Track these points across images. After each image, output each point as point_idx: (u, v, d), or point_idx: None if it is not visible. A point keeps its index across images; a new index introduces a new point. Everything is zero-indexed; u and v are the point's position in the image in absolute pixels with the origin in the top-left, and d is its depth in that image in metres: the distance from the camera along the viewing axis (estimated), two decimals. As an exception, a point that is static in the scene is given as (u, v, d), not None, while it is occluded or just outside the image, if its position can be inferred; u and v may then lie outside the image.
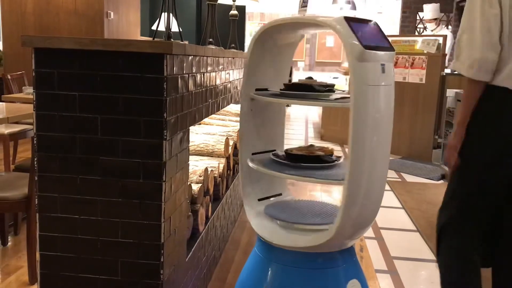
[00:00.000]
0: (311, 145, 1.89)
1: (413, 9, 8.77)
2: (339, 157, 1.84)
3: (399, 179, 4.77)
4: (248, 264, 1.90)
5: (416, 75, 5.64)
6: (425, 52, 5.61)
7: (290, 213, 1.87)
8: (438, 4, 6.73)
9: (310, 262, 1.75)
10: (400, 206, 3.90)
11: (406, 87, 5.75)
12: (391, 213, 3.73)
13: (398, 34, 8.50)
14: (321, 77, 2.06)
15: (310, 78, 1.85)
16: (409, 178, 4.83)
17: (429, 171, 5.04)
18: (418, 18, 8.82)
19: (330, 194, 4.11)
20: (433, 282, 2.56)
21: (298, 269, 1.76)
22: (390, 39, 6.16)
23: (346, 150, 6.08)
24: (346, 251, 1.81)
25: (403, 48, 5.82)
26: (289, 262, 1.76)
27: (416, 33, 8.72)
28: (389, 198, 4.12)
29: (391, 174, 4.95)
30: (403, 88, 5.77)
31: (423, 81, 5.58)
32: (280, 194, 1.99)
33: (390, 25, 9.73)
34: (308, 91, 1.73)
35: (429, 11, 6.73)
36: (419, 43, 5.75)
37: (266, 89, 1.84)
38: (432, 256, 2.88)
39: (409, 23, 8.91)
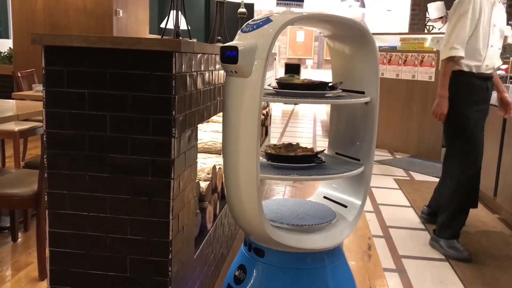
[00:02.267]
0: (290, 144, 1.90)
1: (423, 6, 8.72)
2: (318, 153, 1.87)
3: (408, 178, 4.75)
4: (235, 264, 1.88)
5: (426, 73, 5.61)
6: (435, 50, 5.57)
7: (289, 215, 1.86)
8: (442, 3, 6.67)
9: (298, 262, 1.75)
10: (409, 204, 3.88)
11: (415, 85, 5.71)
12: (400, 211, 3.72)
13: (407, 31, 8.45)
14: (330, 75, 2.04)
15: (293, 76, 1.86)
16: (418, 176, 4.81)
17: (437, 170, 5.01)
18: (427, 15, 8.77)
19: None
20: (442, 281, 2.54)
21: (253, 260, 1.76)
22: (399, 36, 6.13)
23: (355, 148, 6.06)
24: (333, 251, 1.81)
25: (413, 46, 5.79)
26: (277, 262, 1.75)
27: (426, 31, 8.66)
28: (397, 196, 4.11)
29: (400, 173, 4.93)
30: (412, 86, 5.74)
31: (432, 79, 5.54)
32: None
33: (399, 22, 9.67)
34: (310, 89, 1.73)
35: (434, 10, 6.66)
36: (428, 41, 5.71)
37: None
38: (440, 255, 2.86)
39: (418, 21, 8.86)
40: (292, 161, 1.76)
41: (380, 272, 2.61)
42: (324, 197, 2.07)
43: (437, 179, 4.65)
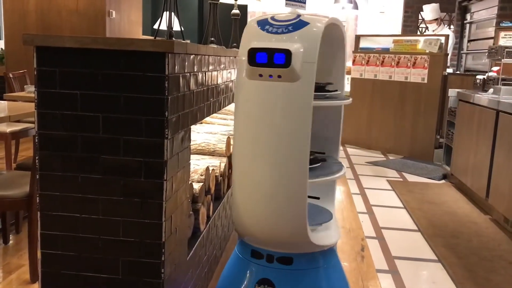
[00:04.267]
0: None
1: (415, 8, 8.76)
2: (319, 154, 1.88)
3: (401, 179, 4.76)
4: (229, 265, 1.85)
5: (418, 75, 5.64)
6: (427, 51, 5.60)
7: None
8: (437, 4, 6.72)
9: (302, 263, 1.74)
10: (402, 205, 3.89)
11: (408, 87, 5.74)
12: (393, 212, 3.73)
13: (400, 33, 8.49)
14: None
15: None
16: (411, 178, 4.83)
17: (430, 171, 5.04)
18: (420, 17, 8.81)
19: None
20: (434, 282, 2.55)
21: (279, 270, 1.72)
22: (392, 38, 6.15)
23: (348, 149, 6.08)
24: (327, 252, 1.80)
25: (405, 48, 5.81)
26: (305, 266, 1.73)
27: (418, 33, 8.71)
28: (390, 197, 4.12)
29: (393, 174, 4.94)
30: (405, 87, 5.76)
31: (425, 81, 5.57)
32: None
33: (392, 24, 9.72)
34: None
35: (429, 12, 6.71)
36: (421, 42, 5.74)
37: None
38: (433, 256, 2.87)
39: (411, 23, 8.90)
40: None
41: (373, 273, 2.61)
42: None
43: (430, 180, 4.69)
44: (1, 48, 6.56)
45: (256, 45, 1.54)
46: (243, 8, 8.24)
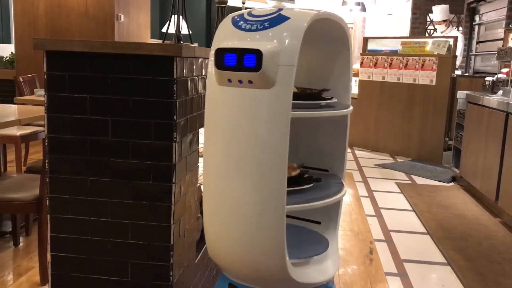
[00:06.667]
0: None
1: (423, 10, 8.73)
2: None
3: (409, 182, 4.74)
4: None
5: (427, 77, 5.61)
6: (436, 53, 5.57)
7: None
8: (447, 6, 6.69)
9: None
10: (410, 208, 3.88)
11: (416, 89, 5.71)
12: (401, 215, 3.71)
13: (408, 35, 8.46)
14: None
15: None
16: (419, 180, 4.80)
17: (439, 174, 5.01)
18: (428, 19, 8.77)
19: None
20: (443, 285, 2.54)
21: None
22: (400, 40, 6.14)
23: (356, 151, 6.06)
24: (328, 285, 1.59)
25: (414, 50, 5.79)
26: None
27: (426, 35, 8.67)
28: (399, 200, 4.10)
29: (401, 176, 4.92)
30: (413, 89, 5.74)
31: (434, 83, 5.54)
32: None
33: (400, 26, 9.68)
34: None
35: (438, 12, 6.68)
36: (429, 44, 5.72)
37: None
38: (442, 259, 2.86)
39: (419, 25, 8.86)
40: (291, 183, 1.38)
41: (382, 276, 2.60)
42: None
43: (439, 183, 4.66)
44: (12, 52, 6.62)
45: (224, 44, 1.30)
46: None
